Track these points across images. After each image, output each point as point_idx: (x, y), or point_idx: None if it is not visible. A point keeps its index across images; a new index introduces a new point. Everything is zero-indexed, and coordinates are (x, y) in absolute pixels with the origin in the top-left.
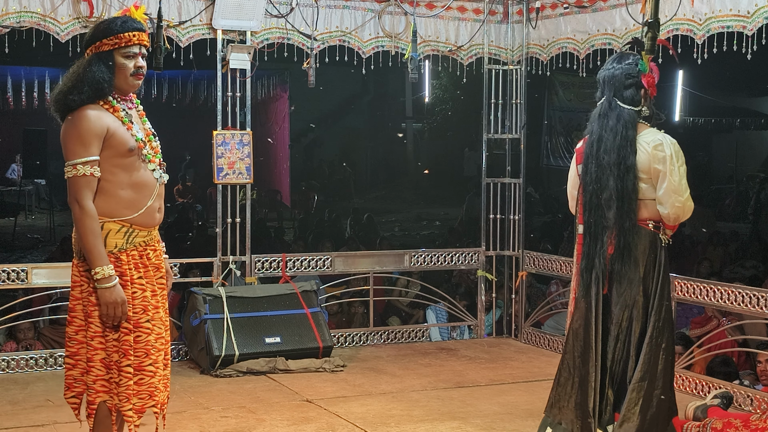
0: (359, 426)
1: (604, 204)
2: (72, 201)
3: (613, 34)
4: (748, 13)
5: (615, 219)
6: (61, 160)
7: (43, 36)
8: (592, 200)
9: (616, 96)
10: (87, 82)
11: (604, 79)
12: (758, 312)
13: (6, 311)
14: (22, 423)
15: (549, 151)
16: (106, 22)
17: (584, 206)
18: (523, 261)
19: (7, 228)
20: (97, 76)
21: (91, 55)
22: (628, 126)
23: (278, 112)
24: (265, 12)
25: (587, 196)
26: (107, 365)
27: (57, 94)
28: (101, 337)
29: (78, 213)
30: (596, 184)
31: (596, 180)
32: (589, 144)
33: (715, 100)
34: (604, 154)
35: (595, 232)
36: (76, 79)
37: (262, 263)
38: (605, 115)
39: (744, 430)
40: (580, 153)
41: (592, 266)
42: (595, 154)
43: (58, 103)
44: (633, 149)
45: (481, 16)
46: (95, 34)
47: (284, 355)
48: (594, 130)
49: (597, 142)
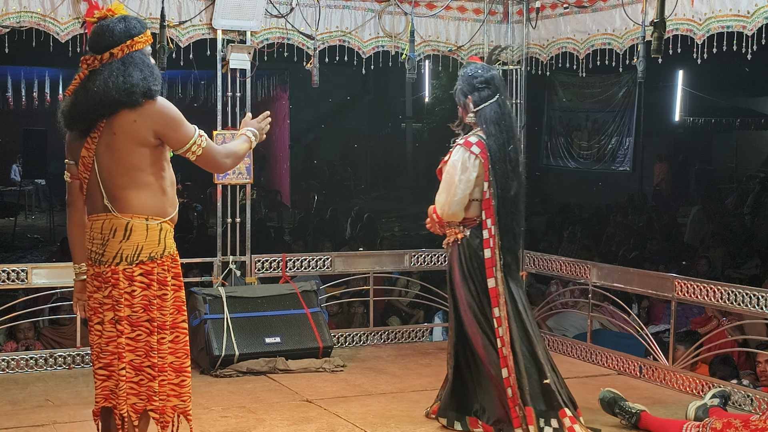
0: (359, 426)
1: (512, 201)
2: (223, 157)
3: (613, 34)
4: (748, 13)
5: (516, 215)
6: (61, 160)
7: (43, 36)
8: (505, 197)
9: (503, 96)
10: (157, 76)
11: (494, 79)
12: (758, 312)
13: (6, 311)
14: (22, 423)
15: (549, 151)
16: (131, 20)
17: (496, 204)
18: (523, 261)
19: (7, 228)
20: (158, 71)
21: (134, 50)
22: (516, 125)
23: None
24: (265, 12)
25: (500, 194)
26: (137, 368)
27: (131, 84)
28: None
29: (230, 163)
30: (508, 182)
31: (508, 178)
32: (498, 144)
33: (715, 100)
34: (512, 154)
35: (512, 228)
36: (146, 70)
37: (262, 263)
38: (506, 116)
39: (744, 430)
40: (485, 157)
41: (513, 260)
42: (507, 154)
43: (135, 91)
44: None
45: (481, 16)
46: (128, 31)
47: (284, 355)
48: (500, 131)
49: (507, 142)
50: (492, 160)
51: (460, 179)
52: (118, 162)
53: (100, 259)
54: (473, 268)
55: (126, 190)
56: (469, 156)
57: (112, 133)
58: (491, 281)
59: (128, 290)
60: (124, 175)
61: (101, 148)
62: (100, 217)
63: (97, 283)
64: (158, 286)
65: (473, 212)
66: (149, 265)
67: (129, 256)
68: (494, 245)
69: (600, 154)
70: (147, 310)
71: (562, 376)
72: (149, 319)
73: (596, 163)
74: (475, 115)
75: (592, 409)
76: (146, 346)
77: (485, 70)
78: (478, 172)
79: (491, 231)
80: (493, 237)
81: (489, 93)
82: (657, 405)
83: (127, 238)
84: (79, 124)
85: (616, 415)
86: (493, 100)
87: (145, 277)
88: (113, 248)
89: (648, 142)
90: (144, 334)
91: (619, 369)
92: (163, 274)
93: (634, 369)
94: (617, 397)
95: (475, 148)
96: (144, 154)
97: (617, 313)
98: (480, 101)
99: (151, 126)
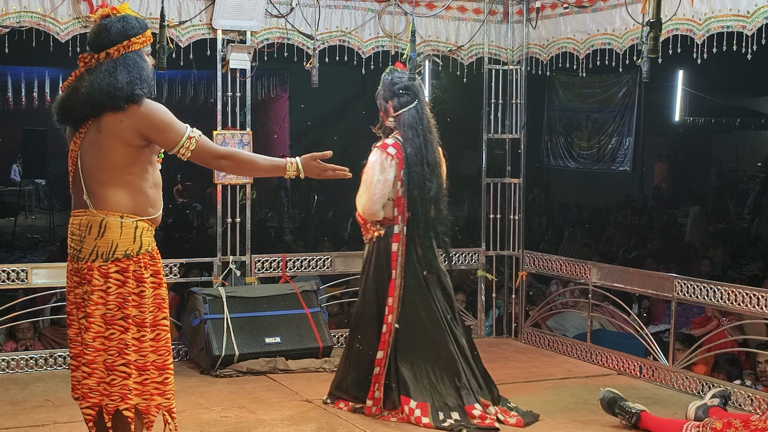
0: (359, 426)
1: (432, 201)
2: (215, 159)
3: (613, 34)
4: (747, 13)
5: (436, 215)
6: (62, 160)
7: (43, 36)
8: (423, 198)
9: (421, 102)
10: (145, 79)
11: (413, 86)
12: (758, 312)
13: (6, 311)
14: (22, 423)
15: (549, 151)
16: (131, 20)
17: (407, 204)
18: (523, 261)
19: (7, 228)
20: (149, 73)
21: (130, 51)
22: (434, 130)
23: (278, 112)
24: (265, 12)
25: (418, 195)
26: (109, 367)
27: (115, 88)
28: (136, 340)
29: (226, 165)
30: (425, 183)
31: (427, 180)
32: (416, 147)
33: (715, 100)
34: (429, 156)
35: (432, 227)
36: (134, 72)
37: (262, 263)
38: (423, 120)
39: (744, 430)
40: (401, 158)
41: (434, 257)
42: (424, 156)
43: (118, 95)
44: (439, 152)
45: (481, 16)
46: (125, 31)
47: (284, 355)
48: (417, 135)
49: (424, 146)
50: (407, 162)
51: (378, 179)
52: (101, 159)
53: (78, 255)
54: (383, 264)
55: (105, 186)
56: (386, 157)
57: (98, 131)
58: (393, 273)
59: (103, 287)
60: (104, 171)
61: (86, 143)
62: (80, 213)
63: (77, 278)
64: (135, 284)
65: (390, 212)
66: (125, 262)
67: (104, 253)
68: (401, 241)
69: (600, 154)
70: (121, 308)
71: (563, 375)
72: (124, 317)
73: (596, 163)
74: (395, 120)
75: (593, 409)
76: (120, 344)
77: (406, 78)
78: (395, 172)
79: (401, 228)
80: (401, 233)
81: (408, 99)
82: (657, 405)
83: (102, 235)
84: (68, 120)
85: (616, 415)
86: (412, 105)
87: (121, 274)
88: (89, 245)
89: (648, 142)
90: (117, 332)
91: (619, 369)
92: (140, 271)
93: (634, 369)
94: (617, 397)
95: (392, 149)
96: (127, 153)
97: (617, 313)
98: (399, 107)
99: (137, 128)
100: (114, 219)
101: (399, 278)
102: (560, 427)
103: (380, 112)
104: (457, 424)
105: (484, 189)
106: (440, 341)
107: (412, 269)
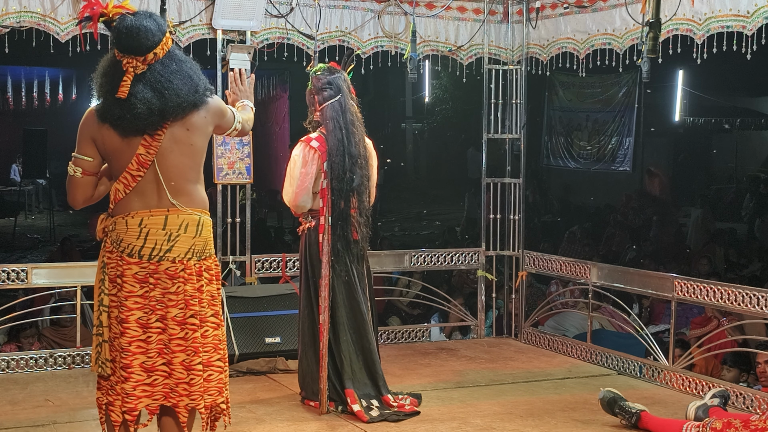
0: (359, 426)
1: (355, 192)
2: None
3: (613, 34)
4: (747, 13)
5: (358, 205)
6: (62, 159)
7: (43, 36)
8: (343, 189)
9: (345, 96)
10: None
11: (336, 81)
12: (758, 312)
13: (6, 311)
14: (22, 423)
15: (549, 151)
16: (154, 16)
17: (334, 197)
18: (523, 261)
19: (7, 228)
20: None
21: (171, 49)
22: (359, 123)
23: (278, 112)
24: (265, 12)
25: (338, 186)
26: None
27: (196, 86)
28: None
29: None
30: (348, 174)
31: (348, 171)
32: (337, 139)
33: (715, 100)
34: (353, 148)
35: (352, 217)
36: (189, 65)
37: (262, 263)
38: (346, 113)
39: (744, 430)
40: (323, 150)
41: (349, 247)
42: (346, 148)
43: (199, 91)
44: (364, 144)
45: (481, 16)
46: (161, 27)
47: (284, 355)
48: (339, 128)
49: (346, 137)
50: (330, 154)
51: (301, 172)
52: (190, 157)
53: (165, 256)
54: (313, 255)
55: (195, 184)
56: (308, 150)
57: (185, 130)
58: (323, 262)
59: (197, 286)
60: (194, 169)
61: (167, 144)
62: (160, 212)
63: (153, 281)
64: (216, 282)
65: (319, 203)
66: (209, 260)
67: (200, 251)
68: (327, 231)
69: (600, 154)
70: (210, 305)
71: (563, 376)
72: (214, 313)
73: (596, 163)
74: (320, 113)
75: (593, 409)
76: (214, 340)
77: (329, 73)
78: (318, 165)
79: (325, 219)
80: (326, 224)
81: (331, 93)
82: (657, 405)
83: (200, 233)
84: (142, 128)
85: (616, 415)
86: (335, 99)
87: (207, 272)
88: (185, 244)
89: (648, 142)
90: (211, 329)
91: (619, 369)
92: (217, 269)
93: (634, 369)
94: (617, 397)
95: (314, 142)
96: (206, 147)
97: (617, 313)
98: (323, 101)
99: (213, 119)
100: (208, 217)
101: (326, 268)
102: (560, 427)
103: (309, 107)
104: (386, 413)
105: (484, 189)
106: (362, 331)
107: (337, 258)
